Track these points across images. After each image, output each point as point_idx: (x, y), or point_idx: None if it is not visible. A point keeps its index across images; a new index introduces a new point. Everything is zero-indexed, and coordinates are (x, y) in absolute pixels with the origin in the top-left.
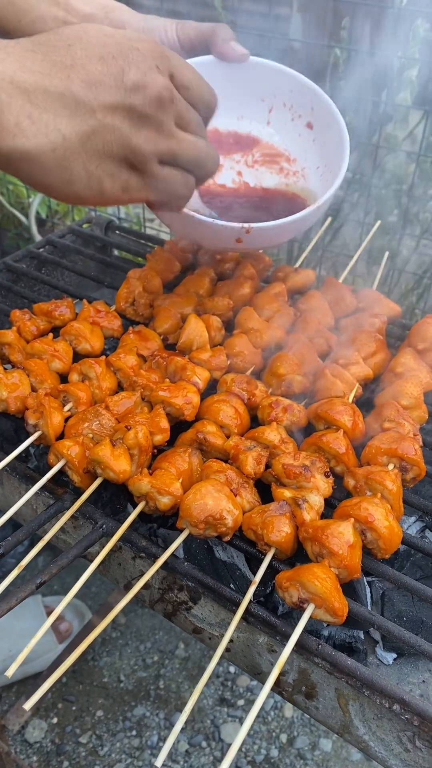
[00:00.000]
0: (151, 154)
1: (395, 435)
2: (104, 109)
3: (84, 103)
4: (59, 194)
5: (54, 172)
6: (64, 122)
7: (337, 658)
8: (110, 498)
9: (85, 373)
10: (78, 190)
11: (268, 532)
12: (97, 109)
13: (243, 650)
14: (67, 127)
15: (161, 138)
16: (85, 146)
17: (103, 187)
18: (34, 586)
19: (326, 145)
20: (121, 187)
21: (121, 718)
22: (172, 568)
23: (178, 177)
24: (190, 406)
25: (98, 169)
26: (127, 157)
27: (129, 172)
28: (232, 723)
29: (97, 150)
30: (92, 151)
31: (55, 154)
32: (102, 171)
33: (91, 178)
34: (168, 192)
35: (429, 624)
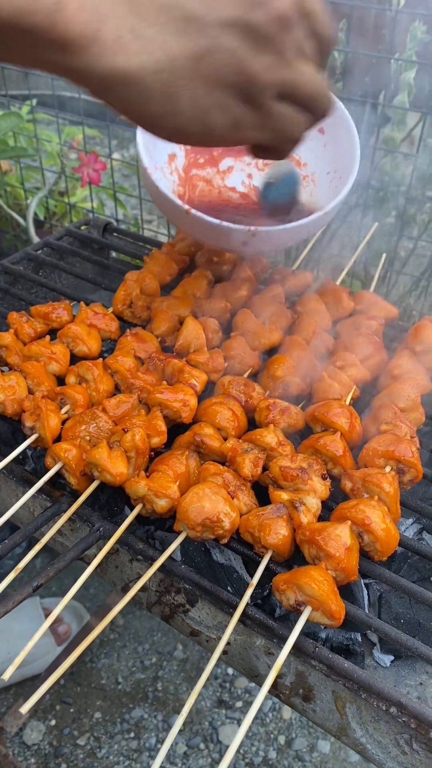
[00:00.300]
0: (269, 85)
1: (392, 437)
2: (219, 26)
3: (196, 18)
4: (161, 127)
5: (157, 99)
6: (172, 39)
7: (334, 660)
8: (107, 500)
9: (83, 375)
10: (182, 124)
11: (265, 535)
12: (212, 25)
13: (240, 653)
14: (175, 45)
15: (282, 66)
16: (196, 70)
17: (211, 122)
18: (30, 589)
19: (337, 151)
20: (232, 123)
21: (119, 720)
22: (170, 571)
23: (294, 116)
24: (188, 408)
25: (208, 99)
26: (242, 86)
27: (242, 105)
28: (231, 725)
29: (208, 75)
30: (202, 77)
31: (161, 77)
32: (212, 102)
33: (198, 110)
34: (282, 133)
35: (426, 626)
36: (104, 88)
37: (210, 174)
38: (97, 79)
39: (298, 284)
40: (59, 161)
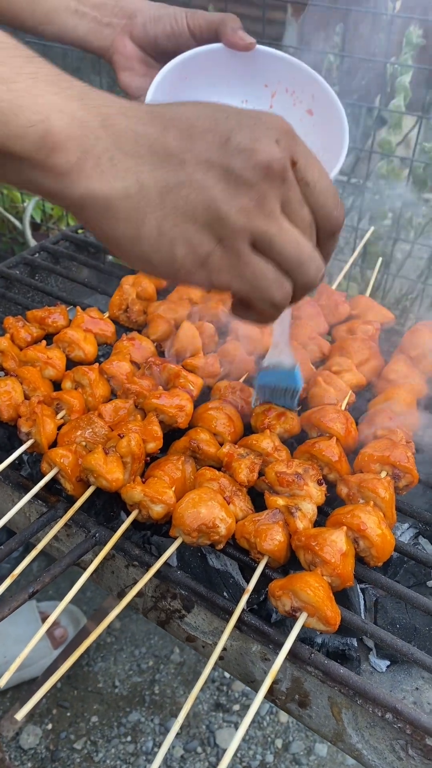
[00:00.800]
0: (242, 230)
1: (388, 442)
2: (196, 164)
3: (175, 154)
4: (127, 252)
5: (122, 223)
6: (146, 169)
7: (330, 666)
8: (103, 505)
9: (79, 380)
10: (146, 251)
11: (261, 541)
12: (188, 161)
13: (236, 658)
14: (147, 175)
15: (259, 215)
16: (164, 200)
17: (175, 254)
18: (26, 595)
19: (327, 131)
20: (199, 261)
21: (116, 723)
22: (165, 577)
23: (272, 274)
24: (183, 413)
25: (173, 231)
26: (212, 224)
27: (212, 243)
28: (228, 728)
29: (177, 207)
30: (171, 207)
31: (128, 203)
32: (178, 233)
33: (162, 239)
34: (256, 287)
35: (422, 631)
36: (78, 209)
37: None
38: (72, 200)
39: None
40: None
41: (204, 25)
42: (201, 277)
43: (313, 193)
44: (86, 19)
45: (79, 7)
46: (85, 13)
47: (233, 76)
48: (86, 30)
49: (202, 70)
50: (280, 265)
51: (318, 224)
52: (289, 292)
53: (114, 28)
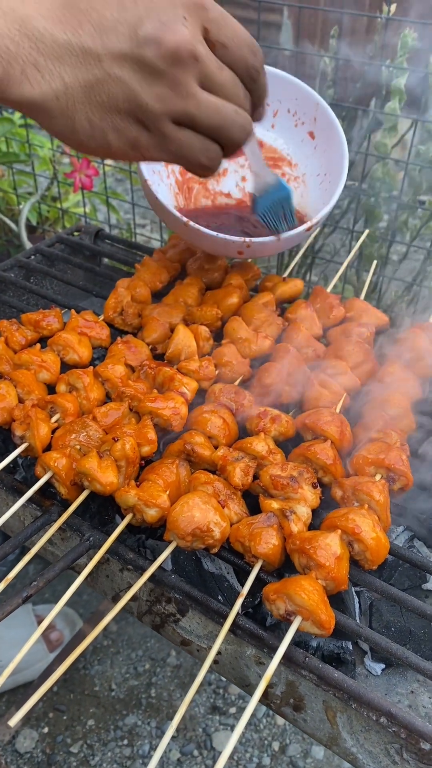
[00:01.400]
0: (161, 113)
1: (382, 445)
2: (111, 59)
3: (91, 52)
4: (68, 142)
5: (59, 120)
6: (68, 71)
7: (325, 670)
8: (98, 509)
9: (73, 383)
10: (82, 140)
11: (255, 544)
12: (104, 58)
13: (231, 662)
14: (70, 76)
15: (176, 97)
16: (89, 96)
17: (109, 141)
18: (20, 600)
19: (327, 156)
20: (129, 144)
21: (112, 727)
22: (160, 581)
23: (196, 142)
24: (178, 417)
25: (102, 122)
26: (135, 113)
27: (138, 128)
28: (224, 731)
29: (101, 102)
30: (96, 103)
31: (58, 103)
32: (107, 124)
33: (94, 129)
34: (184, 156)
35: (417, 634)
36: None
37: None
38: (13, 105)
39: (288, 291)
40: (51, 167)
41: None
42: (134, 156)
43: (230, 51)
44: None
45: None
46: None
47: None
48: None
49: None
50: (205, 133)
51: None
52: (217, 154)
53: None
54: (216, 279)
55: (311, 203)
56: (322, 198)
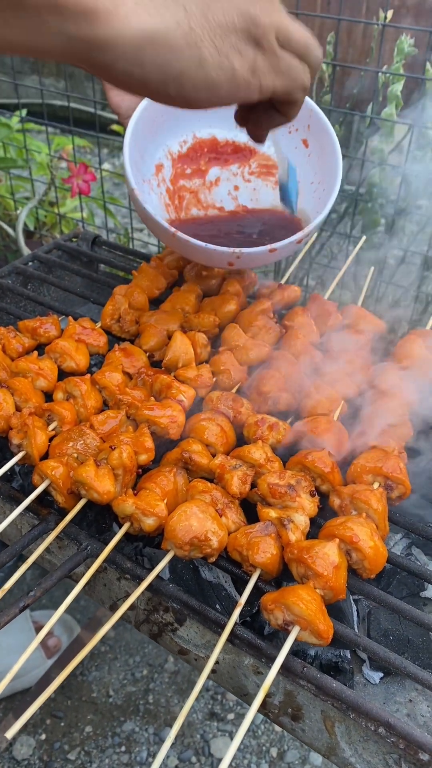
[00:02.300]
0: (270, 25)
1: (380, 453)
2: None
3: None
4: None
5: (185, 51)
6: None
7: (323, 680)
8: (95, 517)
9: (70, 391)
10: (211, 73)
11: (253, 554)
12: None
13: (229, 671)
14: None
15: (275, 11)
16: (207, 18)
17: (234, 67)
18: (17, 610)
19: (321, 163)
20: (250, 68)
21: (110, 733)
22: (157, 590)
23: (297, 62)
24: (175, 425)
25: (225, 44)
26: (249, 28)
27: (254, 48)
28: (222, 737)
29: (220, 22)
30: (215, 23)
31: (182, 31)
32: (229, 46)
33: (221, 54)
34: (292, 77)
35: (415, 642)
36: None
37: (197, 185)
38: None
39: (286, 298)
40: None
41: None
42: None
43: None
44: None
45: None
46: None
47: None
48: None
49: None
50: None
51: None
52: (308, 74)
53: None
54: (213, 286)
55: (306, 211)
56: (316, 206)
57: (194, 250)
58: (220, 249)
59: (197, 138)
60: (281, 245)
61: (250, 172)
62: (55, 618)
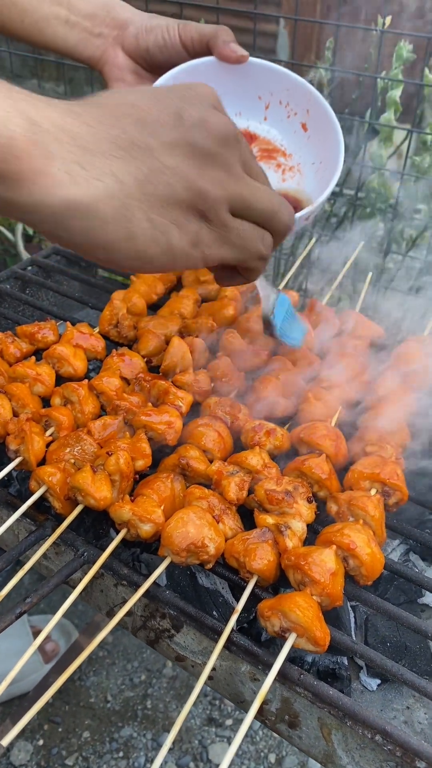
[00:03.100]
0: (221, 199)
1: (378, 459)
2: (163, 148)
3: (140, 143)
4: (120, 254)
5: (112, 224)
6: (119, 165)
7: (319, 688)
8: (92, 523)
9: (68, 396)
10: (142, 247)
11: (250, 560)
12: (154, 147)
13: (225, 678)
14: (122, 170)
15: (231, 181)
16: (145, 190)
17: (171, 241)
18: (14, 617)
19: (321, 144)
20: (191, 241)
21: (108, 739)
22: (154, 596)
23: (253, 231)
24: (173, 431)
25: (163, 218)
26: (194, 202)
27: (199, 221)
28: (221, 743)
29: (159, 195)
30: (154, 196)
31: (112, 203)
32: (167, 219)
33: (156, 229)
34: (245, 248)
35: (413, 649)
36: (58, 222)
37: None
38: (50, 213)
39: None
40: None
41: (196, 38)
42: (196, 257)
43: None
44: (77, 29)
45: (70, 16)
46: (76, 23)
47: (226, 89)
48: (77, 40)
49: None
50: (257, 221)
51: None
52: (271, 243)
53: (105, 38)
54: (211, 291)
55: (308, 191)
56: (319, 185)
57: None
58: None
59: None
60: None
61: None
62: (52, 623)
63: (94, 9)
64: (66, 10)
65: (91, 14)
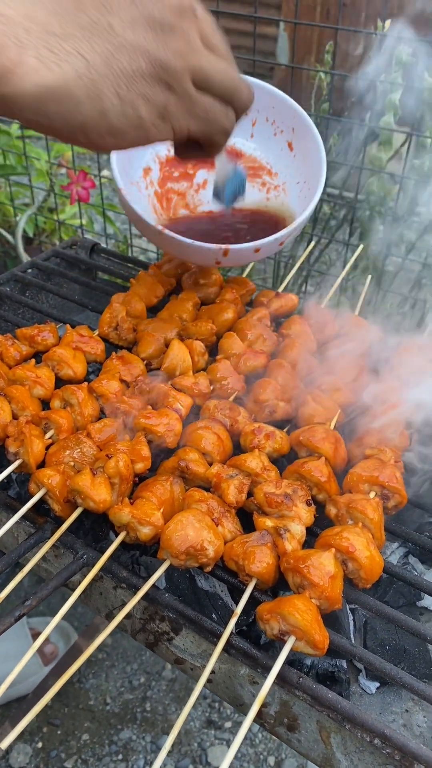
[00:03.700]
0: (182, 69)
1: (377, 462)
2: (122, 24)
3: (100, 23)
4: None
5: (85, 103)
6: (84, 46)
7: (318, 691)
8: (92, 525)
9: (67, 399)
10: (114, 122)
11: (249, 563)
12: (115, 25)
13: (225, 681)
14: (88, 51)
15: (191, 52)
16: (111, 67)
17: (140, 114)
18: (12, 619)
19: (306, 163)
20: (159, 113)
21: (107, 741)
22: (153, 599)
23: (217, 104)
24: (172, 433)
25: (131, 92)
26: (158, 74)
27: (166, 92)
28: (220, 746)
29: (125, 69)
30: (120, 72)
31: (83, 82)
32: (135, 92)
33: (125, 103)
34: (209, 120)
35: (412, 652)
36: (36, 109)
37: (184, 188)
38: (29, 100)
39: (283, 307)
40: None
41: None
42: (165, 129)
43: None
44: None
45: None
46: None
47: None
48: None
49: None
50: (219, 95)
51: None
52: (234, 118)
53: None
54: (211, 294)
55: (292, 210)
56: (301, 206)
57: (181, 247)
58: (207, 246)
59: None
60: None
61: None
62: (51, 626)
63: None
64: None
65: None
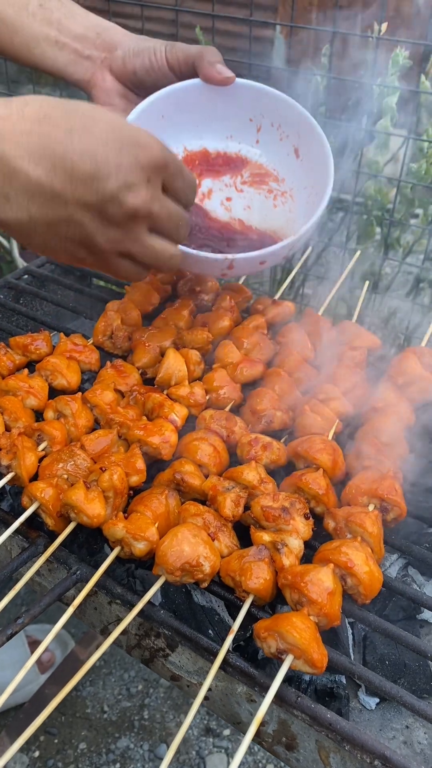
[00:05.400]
0: (110, 252)
1: (375, 474)
2: (77, 205)
3: (60, 196)
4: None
5: (17, 237)
6: (35, 207)
7: (317, 711)
8: (86, 539)
9: (61, 410)
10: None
11: (246, 579)
12: (70, 203)
13: (221, 699)
14: (36, 212)
15: (125, 241)
16: (49, 229)
17: (58, 257)
18: (5, 638)
19: (313, 168)
20: (76, 260)
21: (104, 750)
22: (149, 616)
23: (132, 268)
24: (167, 445)
25: (56, 246)
26: (87, 245)
27: (87, 253)
28: (218, 754)
29: (59, 234)
30: (54, 234)
31: (20, 228)
32: (60, 247)
33: (47, 249)
34: (119, 276)
35: (412, 667)
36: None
37: None
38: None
39: (280, 314)
40: None
41: (182, 59)
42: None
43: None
44: (66, 50)
45: (60, 37)
46: (65, 44)
47: (215, 112)
48: (66, 61)
49: (180, 107)
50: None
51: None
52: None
53: (94, 61)
54: (207, 301)
55: (300, 217)
56: (309, 210)
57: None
58: (213, 257)
59: (188, 151)
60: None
61: (243, 182)
62: (49, 638)
63: (85, 31)
64: (56, 31)
65: (81, 36)
